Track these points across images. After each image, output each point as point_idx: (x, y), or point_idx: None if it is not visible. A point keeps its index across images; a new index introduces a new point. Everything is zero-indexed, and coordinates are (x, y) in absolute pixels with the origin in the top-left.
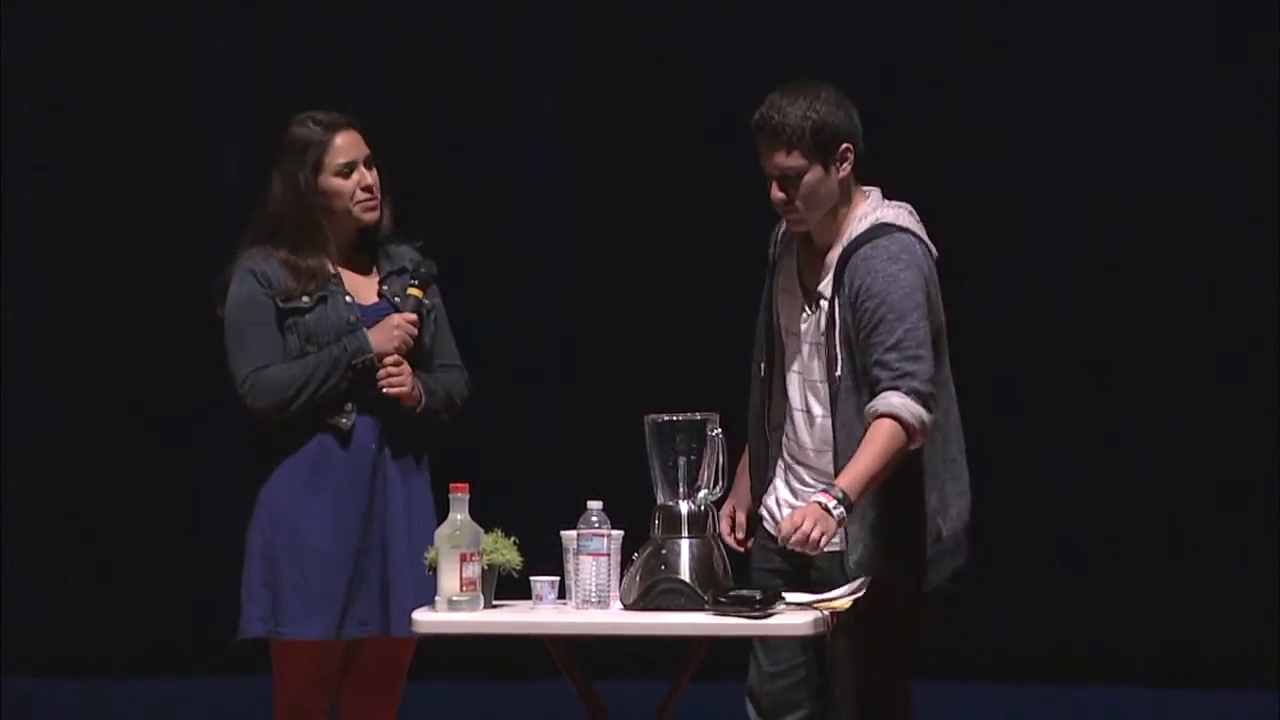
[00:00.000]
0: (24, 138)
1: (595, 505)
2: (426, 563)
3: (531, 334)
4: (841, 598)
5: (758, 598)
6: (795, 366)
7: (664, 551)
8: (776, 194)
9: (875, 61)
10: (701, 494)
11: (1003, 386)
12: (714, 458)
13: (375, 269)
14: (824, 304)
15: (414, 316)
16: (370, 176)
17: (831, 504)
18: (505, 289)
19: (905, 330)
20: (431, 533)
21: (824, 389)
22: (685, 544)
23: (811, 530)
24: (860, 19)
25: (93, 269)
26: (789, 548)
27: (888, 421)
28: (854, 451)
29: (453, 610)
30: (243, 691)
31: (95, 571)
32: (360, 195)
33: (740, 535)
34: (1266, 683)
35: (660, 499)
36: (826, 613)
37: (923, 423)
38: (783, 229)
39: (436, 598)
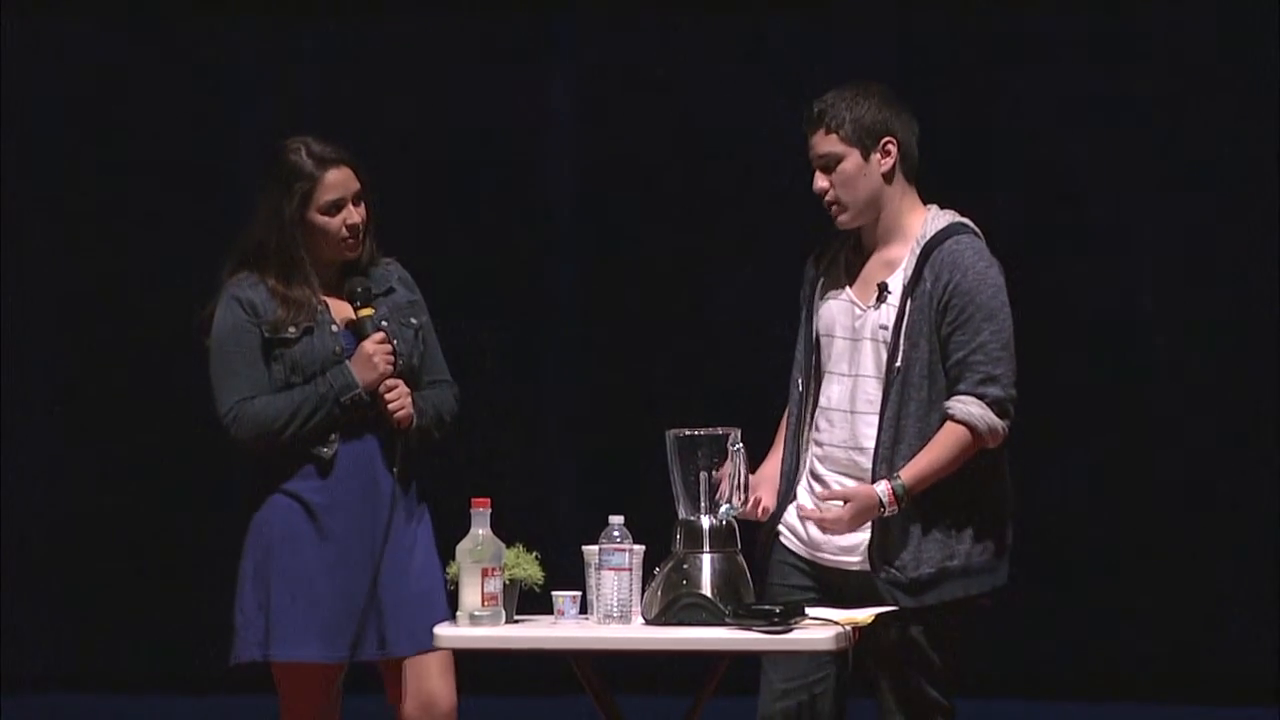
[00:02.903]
0: (53, 153)
1: (617, 520)
2: (448, 578)
3: (553, 348)
4: (864, 613)
5: (778, 612)
6: (841, 368)
7: (686, 566)
8: (818, 183)
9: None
10: (723, 508)
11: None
12: (736, 472)
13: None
14: (892, 298)
15: (381, 336)
16: (357, 214)
17: (886, 498)
18: (525, 301)
19: (992, 331)
20: (422, 553)
21: (876, 385)
22: (707, 559)
23: (845, 520)
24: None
25: (105, 278)
26: (814, 515)
27: (961, 428)
28: (896, 445)
29: (475, 625)
30: (248, 710)
31: (99, 586)
32: (344, 233)
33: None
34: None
35: (682, 513)
36: (848, 627)
37: (994, 432)
38: (816, 257)
39: (459, 612)
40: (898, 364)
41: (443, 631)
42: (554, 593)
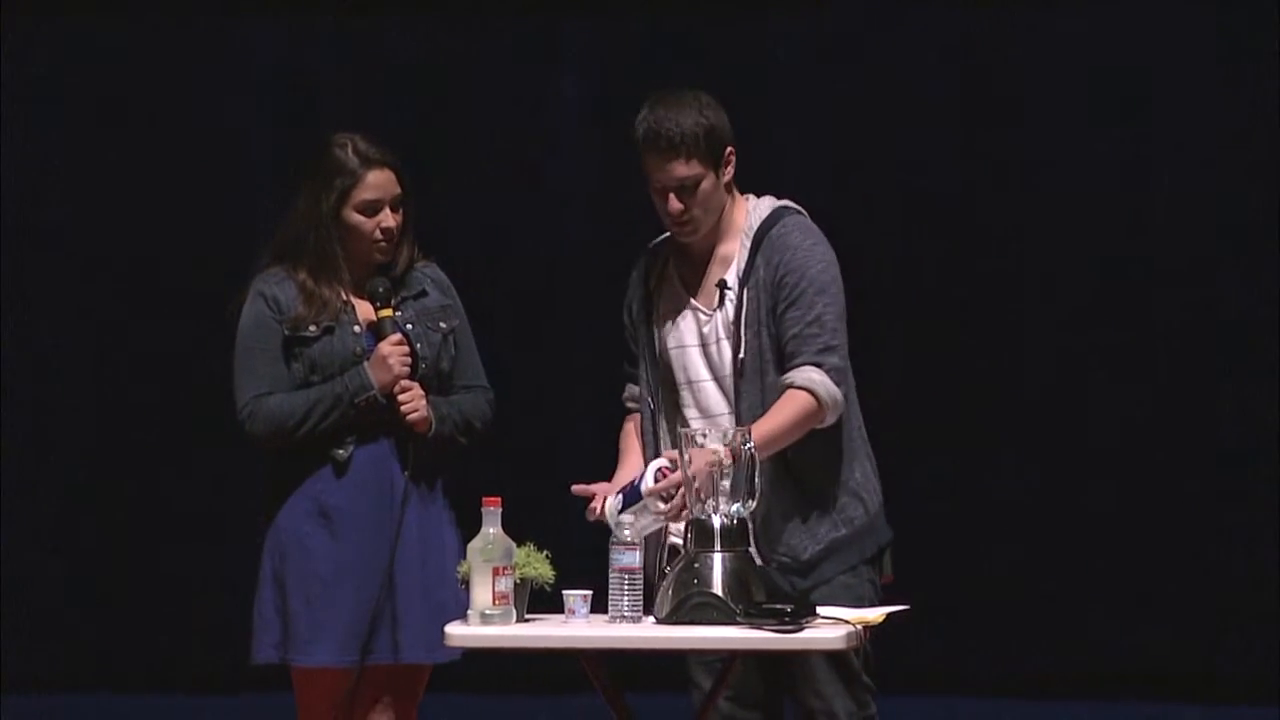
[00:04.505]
0: (51, 150)
1: (627, 519)
2: (459, 577)
3: (565, 345)
4: (876, 612)
5: (789, 611)
6: (704, 375)
7: (697, 565)
8: (675, 205)
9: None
10: (734, 507)
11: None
12: (747, 471)
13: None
14: (732, 293)
15: (398, 337)
16: (393, 219)
17: (726, 462)
18: (538, 302)
19: (824, 305)
20: (446, 557)
21: (731, 383)
22: (718, 557)
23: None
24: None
25: (112, 277)
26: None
27: (804, 394)
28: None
29: (485, 624)
30: (253, 711)
31: (100, 588)
32: (377, 236)
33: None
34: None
35: (692, 513)
36: (859, 626)
37: (836, 401)
38: (643, 275)
39: (470, 611)
40: (741, 355)
41: (453, 630)
42: (565, 592)
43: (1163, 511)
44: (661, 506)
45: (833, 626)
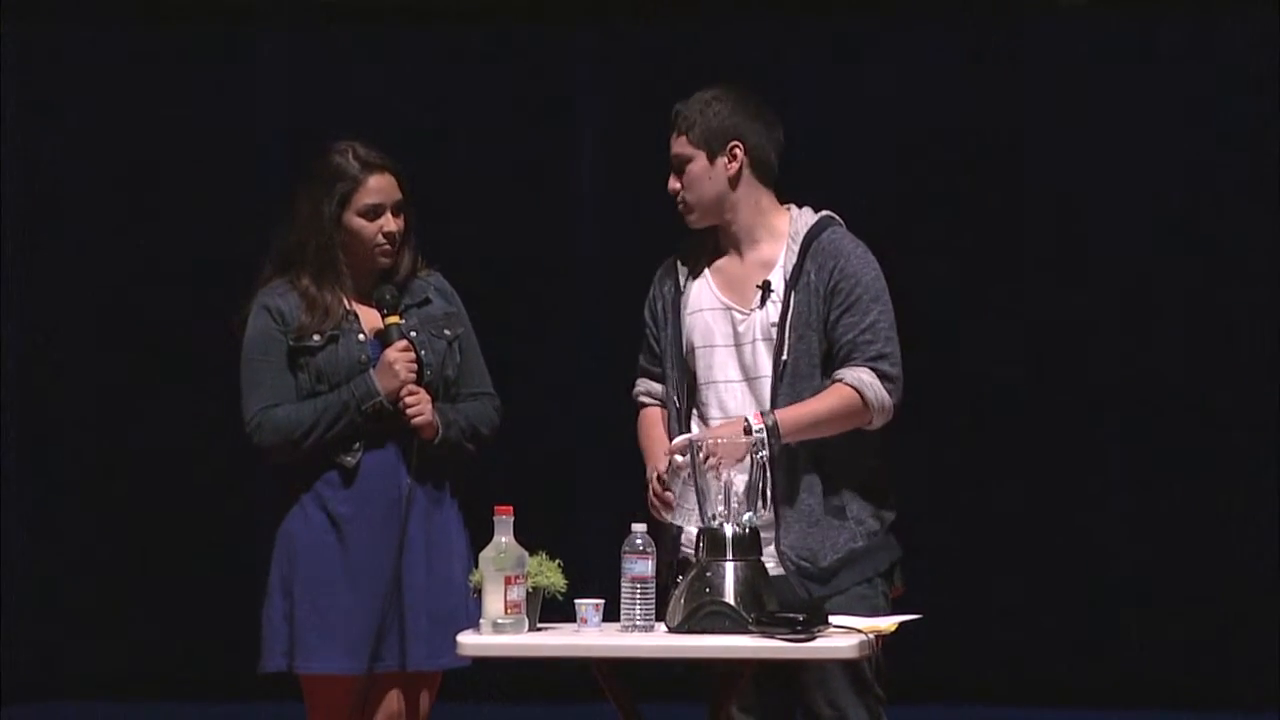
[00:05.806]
0: (52, 150)
1: (639, 528)
2: (471, 586)
3: (576, 355)
4: (888, 621)
5: (801, 620)
6: (729, 375)
7: (709, 574)
8: (671, 184)
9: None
10: (746, 516)
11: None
12: (759, 480)
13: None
14: (775, 294)
15: (404, 344)
16: (394, 224)
17: (756, 425)
18: (550, 309)
19: (879, 312)
20: (455, 563)
21: (768, 384)
22: (730, 566)
23: (727, 443)
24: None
25: (114, 278)
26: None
27: (848, 389)
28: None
29: (498, 633)
30: (270, 718)
31: (123, 593)
32: (380, 240)
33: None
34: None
35: (704, 521)
36: (871, 635)
37: (883, 406)
38: (669, 272)
39: (482, 620)
40: (784, 357)
41: (466, 639)
42: (577, 600)
43: (1163, 511)
44: (678, 460)
45: (845, 635)
